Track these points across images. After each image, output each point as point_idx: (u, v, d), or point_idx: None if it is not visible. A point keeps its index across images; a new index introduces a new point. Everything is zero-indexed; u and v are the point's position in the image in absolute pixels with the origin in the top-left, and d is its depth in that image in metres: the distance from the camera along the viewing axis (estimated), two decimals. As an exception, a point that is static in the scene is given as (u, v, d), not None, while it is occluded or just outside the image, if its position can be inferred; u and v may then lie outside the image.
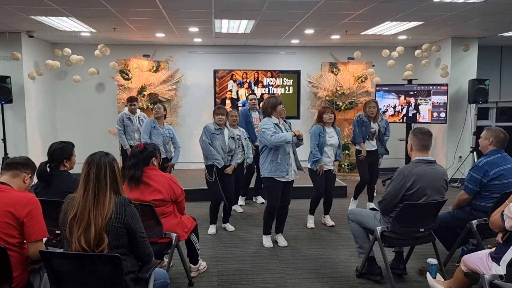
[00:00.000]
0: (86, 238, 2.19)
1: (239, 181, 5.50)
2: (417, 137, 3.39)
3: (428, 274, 3.45)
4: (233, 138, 5.02)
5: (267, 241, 4.61)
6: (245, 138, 5.35)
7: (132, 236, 2.33)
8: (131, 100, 6.37)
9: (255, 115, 6.11)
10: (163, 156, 5.43)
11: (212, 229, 5.03)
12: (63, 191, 2.92)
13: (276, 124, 4.32)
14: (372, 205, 5.87)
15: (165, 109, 5.98)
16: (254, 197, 6.39)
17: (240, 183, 5.57)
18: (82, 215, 2.23)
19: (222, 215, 5.17)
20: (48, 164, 3.31)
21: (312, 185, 5.13)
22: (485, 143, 3.77)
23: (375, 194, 6.05)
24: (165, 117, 6.01)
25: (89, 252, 2.20)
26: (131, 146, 6.43)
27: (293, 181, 4.50)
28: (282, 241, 4.60)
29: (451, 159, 7.68)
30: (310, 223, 5.24)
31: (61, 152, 3.32)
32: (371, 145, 5.72)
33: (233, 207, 5.76)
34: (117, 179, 2.35)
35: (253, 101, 6.12)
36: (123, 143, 6.39)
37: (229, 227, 5.13)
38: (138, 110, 6.49)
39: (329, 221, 5.26)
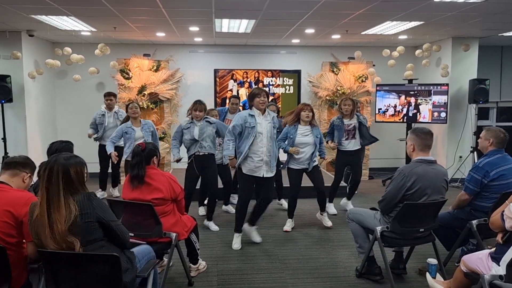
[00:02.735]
0: (55, 241, 2.21)
1: (227, 181, 5.51)
2: (420, 137, 3.37)
3: (427, 274, 3.45)
4: (209, 121, 4.89)
5: (235, 241, 4.49)
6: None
7: (107, 227, 2.34)
8: (108, 95, 6.28)
9: (230, 117, 5.88)
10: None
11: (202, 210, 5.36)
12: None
13: (252, 115, 4.29)
14: (349, 203, 5.82)
15: (141, 108, 5.89)
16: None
17: (227, 183, 5.55)
18: (42, 217, 2.23)
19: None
20: None
21: (312, 185, 5.09)
22: (485, 144, 3.76)
23: (356, 192, 5.94)
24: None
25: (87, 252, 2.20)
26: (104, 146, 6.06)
27: (270, 178, 4.41)
28: (255, 236, 4.57)
29: (451, 159, 7.67)
30: (287, 226, 5.05)
31: (64, 151, 3.32)
32: (352, 144, 5.56)
33: (226, 207, 5.76)
34: (74, 183, 2.28)
35: (234, 105, 6.01)
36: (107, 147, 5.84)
37: (213, 226, 5.06)
38: (116, 107, 6.40)
39: (326, 220, 5.16)
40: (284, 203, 5.81)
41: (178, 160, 5.01)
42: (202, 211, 5.61)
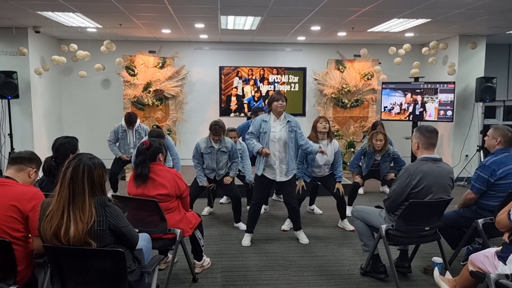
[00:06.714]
0: (65, 238, 2.18)
1: (248, 179, 5.47)
2: (424, 135, 3.35)
3: (435, 270, 3.44)
4: (223, 151, 4.91)
5: (245, 239, 4.52)
6: (240, 154, 5.23)
7: (119, 233, 2.31)
8: (130, 121, 6.02)
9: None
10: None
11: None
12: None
13: (265, 120, 4.31)
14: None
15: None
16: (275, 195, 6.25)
17: (248, 182, 5.49)
18: (56, 214, 2.19)
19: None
20: (53, 159, 3.32)
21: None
22: (492, 143, 3.74)
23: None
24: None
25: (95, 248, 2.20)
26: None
27: (287, 181, 4.40)
28: (303, 237, 4.57)
29: (457, 158, 7.63)
30: (285, 225, 4.95)
31: (66, 146, 3.34)
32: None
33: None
34: (96, 185, 2.26)
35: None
36: (114, 152, 6.10)
37: (242, 226, 4.99)
38: (137, 121, 6.15)
39: (348, 226, 5.00)
40: (316, 209, 5.66)
41: (210, 187, 5.06)
42: (205, 211, 5.59)
